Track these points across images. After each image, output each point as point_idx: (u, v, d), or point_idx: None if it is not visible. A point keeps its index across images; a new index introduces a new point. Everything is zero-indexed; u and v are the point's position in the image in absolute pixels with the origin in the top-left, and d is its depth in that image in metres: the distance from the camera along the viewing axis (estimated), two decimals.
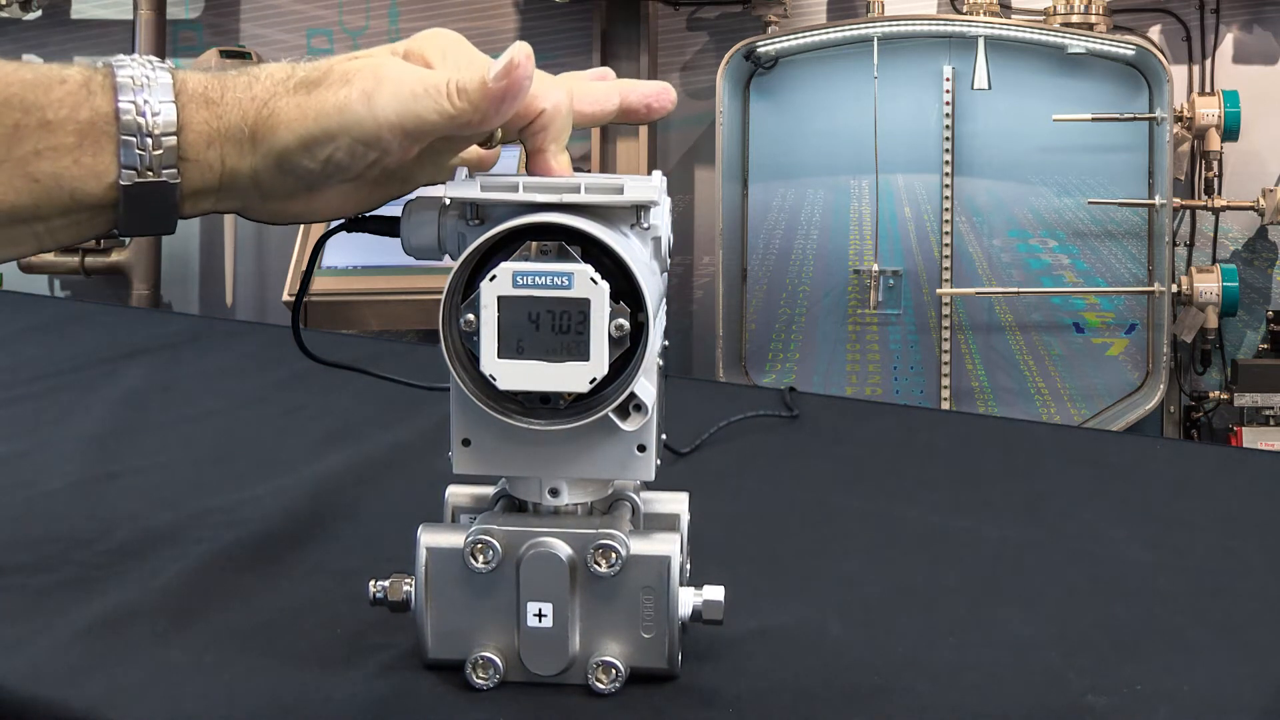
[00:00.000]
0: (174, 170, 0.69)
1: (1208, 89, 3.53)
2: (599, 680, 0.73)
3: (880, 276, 3.55)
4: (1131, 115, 3.42)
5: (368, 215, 0.77)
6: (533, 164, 0.72)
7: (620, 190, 0.70)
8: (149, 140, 0.68)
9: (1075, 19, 3.39)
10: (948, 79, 3.51)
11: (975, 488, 1.11)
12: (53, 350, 1.54)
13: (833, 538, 0.99)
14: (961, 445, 1.24)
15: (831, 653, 0.79)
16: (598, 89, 0.76)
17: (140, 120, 0.68)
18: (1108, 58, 3.44)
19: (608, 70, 0.78)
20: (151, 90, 0.69)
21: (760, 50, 3.53)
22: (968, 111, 3.52)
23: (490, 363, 0.68)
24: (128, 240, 3.76)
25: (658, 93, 0.77)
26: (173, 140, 0.69)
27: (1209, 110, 3.38)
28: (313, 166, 0.70)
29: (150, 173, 0.69)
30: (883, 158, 3.50)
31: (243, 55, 3.70)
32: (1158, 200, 3.41)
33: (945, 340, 3.57)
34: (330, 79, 0.70)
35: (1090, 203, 3.50)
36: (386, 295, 2.98)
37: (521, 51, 0.68)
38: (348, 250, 3.01)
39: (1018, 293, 3.53)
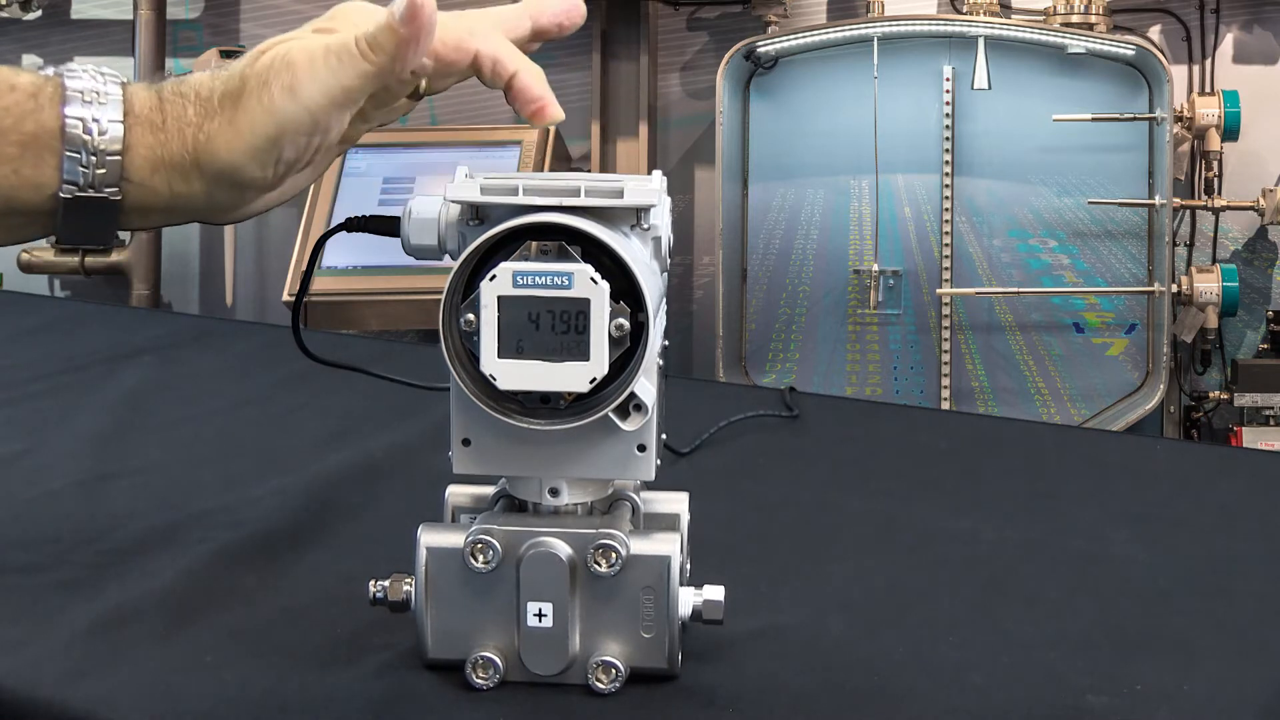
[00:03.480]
0: (115, 189, 0.68)
1: (1208, 89, 3.53)
2: (599, 680, 0.73)
3: (880, 276, 3.55)
4: (1131, 115, 3.42)
5: (368, 215, 0.77)
6: (511, 95, 0.72)
7: (620, 194, 0.70)
8: (93, 158, 0.68)
9: (1075, 19, 3.39)
10: (948, 79, 3.51)
11: (975, 488, 1.11)
12: (53, 350, 1.54)
13: (833, 538, 0.99)
14: (961, 445, 1.24)
15: (831, 653, 0.79)
16: (509, 15, 0.76)
17: (86, 137, 0.68)
18: (1108, 58, 3.44)
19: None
20: (101, 106, 0.68)
21: (760, 50, 3.53)
22: (968, 111, 3.52)
23: (490, 363, 0.68)
24: (128, 240, 3.76)
25: (566, 10, 0.77)
26: (117, 160, 0.68)
27: (1209, 110, 3.38)
28: (264, 174, 0.70)
29: (91, 189, 0.68)
30: (883, 158, 3.50)
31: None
32: (1158, 200, 3.41)
33: (945, 340, 3.56)
34: (248, 86, 0.69)
35: (1090, 203, 3.50)
36: (386, 295, 2.98)
37: None
38: (348, 250, 3.01)
39: (1018, 293, 3.53)
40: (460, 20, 0.73)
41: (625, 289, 0.68)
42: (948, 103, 3.51)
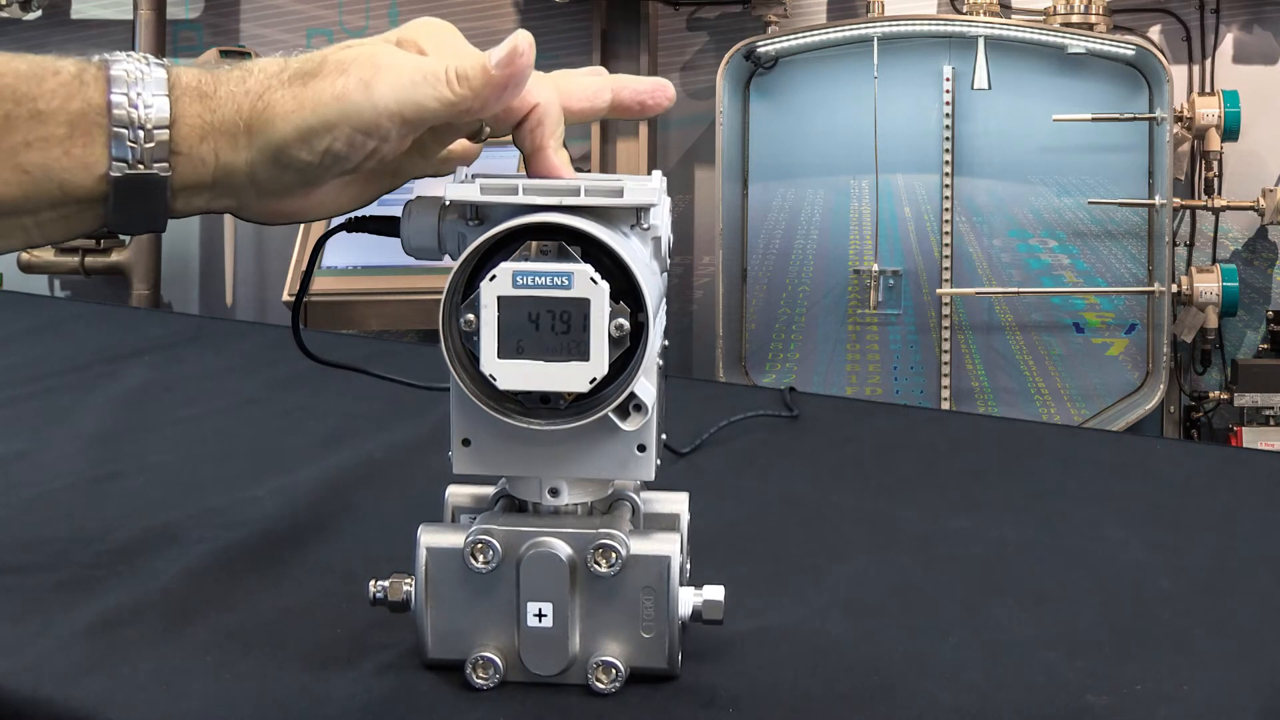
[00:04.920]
0: (165, 164, 0.69)
1: (1208, 89, 3.53)
2: (599, 680, 0.73)
3: (880, 276, 3.55)
4: (1131, 115, 3.42)
5: (368, 215, 0.76)
6: (532, 163, 0.72)
7: (620, 193, 0.70)
8: (140, 133, 0.68)
9: (1075, 19, 3.39)
10: (948, 79, 3.51)
11: (975, 488, 1.11)
12: (53, 350, 1.54)
13: (833, 538, 0.99)
14: (961, 445, 1.24)
15: (831, 653, 0.79)
16: (588, 84, 0.75)
17: (132, 113, 0.68)
18: (1108, 58, 3.44)
19: (600, 69, 0.78)
20: (145, 85, 0.68)
21: (760, 50, 3.53)
22: (968, 111, 3.52)
23: (490, 363, 0.68)
24: (128, 240, 3.75)
25: (651, 90, 0.76)
26: (165, 134, 0.68)
27: (1209, 110, 3.38)
28: (310, 159, 0.69)
29: (141, 165, 0.68)
30: (883, 158, 3.50)
31: (242, 55, 3.69)
32: (1158, 200, 3.41)
33: (945, 340, 3.56)
34: (326, 69, 0.69)
35: (1090, 203, 3.50)
36: (386, 295, 2.98)
37: (525, 40, 0.68)
38: (348, 250, 3.01)
39: (1018, 293, 3.53)
40: (532, 80, 0.72)
41: (625, 289, 0.68)
42: (948, 103, 3.51)
